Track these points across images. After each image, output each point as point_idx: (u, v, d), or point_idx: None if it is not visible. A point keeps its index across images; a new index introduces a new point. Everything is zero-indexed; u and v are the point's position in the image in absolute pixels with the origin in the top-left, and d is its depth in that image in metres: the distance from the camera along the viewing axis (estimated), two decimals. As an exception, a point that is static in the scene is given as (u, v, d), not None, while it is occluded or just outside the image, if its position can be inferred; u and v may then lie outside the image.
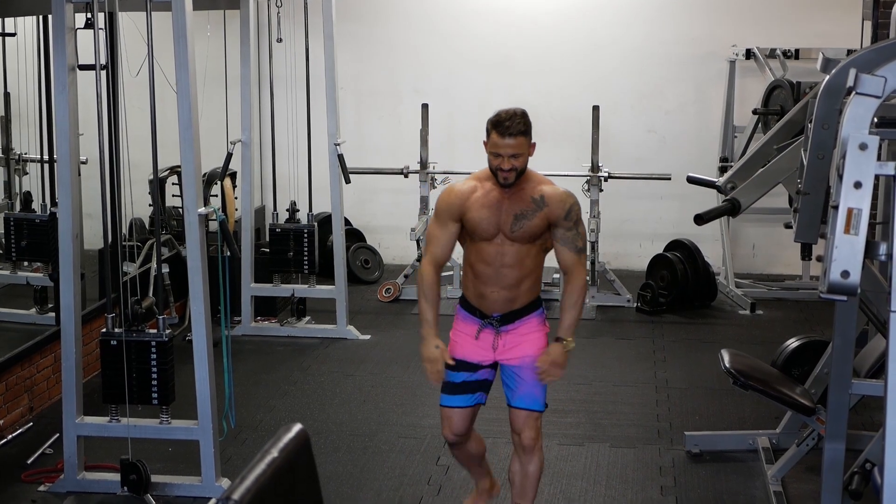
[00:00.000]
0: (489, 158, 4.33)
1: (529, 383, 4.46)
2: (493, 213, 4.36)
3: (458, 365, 4.48)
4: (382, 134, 9.93)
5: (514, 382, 4.50)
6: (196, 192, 5.01)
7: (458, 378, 4.50)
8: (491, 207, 4.36)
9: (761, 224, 9.54)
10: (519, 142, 4.27)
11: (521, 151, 4.28)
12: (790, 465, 5.29)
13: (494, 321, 4.45)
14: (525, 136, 4.29)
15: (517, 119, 4.28)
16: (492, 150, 4.30)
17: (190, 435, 5.24)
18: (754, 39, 9.26)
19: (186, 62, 4.92)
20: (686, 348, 7.64)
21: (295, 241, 7.73)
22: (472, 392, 4.52)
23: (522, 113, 4.32)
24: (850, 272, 3.08)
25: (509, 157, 4.26)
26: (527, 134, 4.30)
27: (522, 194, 4.36)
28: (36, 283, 6.54)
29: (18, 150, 6.77)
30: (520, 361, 4.46)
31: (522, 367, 4.46)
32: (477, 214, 4.36)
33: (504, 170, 4.28)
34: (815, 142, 3.90)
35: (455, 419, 4.53)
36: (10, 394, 5.93)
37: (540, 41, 9.71)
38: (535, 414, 4.49)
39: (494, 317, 4.45)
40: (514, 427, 4.53)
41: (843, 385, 4.31)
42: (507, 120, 4.27)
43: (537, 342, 4.48)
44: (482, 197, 4.38)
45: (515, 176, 4.30)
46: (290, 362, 7.28)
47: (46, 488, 5.27)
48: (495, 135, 4.28)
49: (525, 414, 4.48)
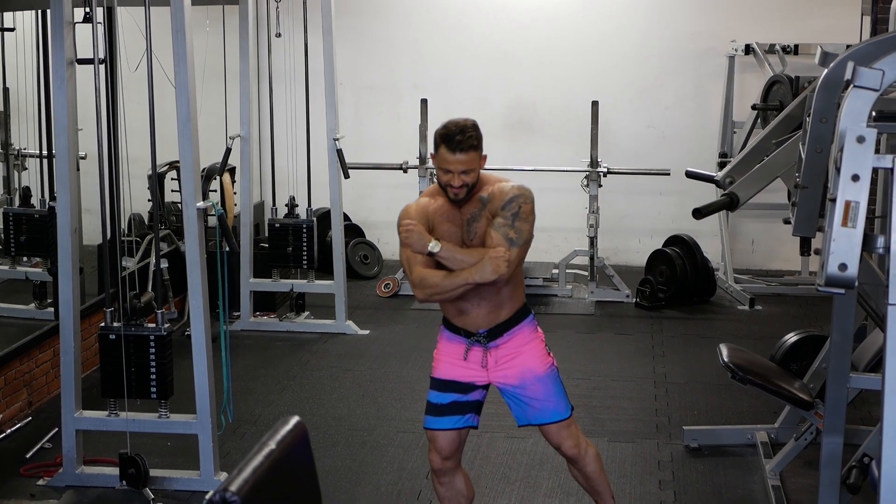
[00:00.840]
0: (438, 174, 4.08)
1: (542, 398, 4.22)
2: (455, 225, 4.14)
3: (447, 385, 4.23)
4: (381, 129, 9.93)
5: (523, 402, 4.24)
6: (195, 186, 5.01)
7: (445, 399, 4.24)
8: (451, 219, 4.14)
9: (760, 219, 9.55)
10: (470, 157, 4.02)
11: (472, 167, 4.04)
12: (788, 460, 5.29)
13: (482, 338, 4.19)
14: (476, 151, 4.04)
15: (468, 132, 4.03)
16: (441, 166, 4.05)
17: (188, 429, 5.24)
18: (754, 35, 9.26)
19: (185, 57, 4.92)
20: (685, 343, 7.65)
21: (294, 236, 7.73)
22: (462, 414, 4.25)
23: (473, 125, 4.07)
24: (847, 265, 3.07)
25: (460, 173, 4.03)
26: (478, 148, 4.05)
27: (473, 198, 4.13)
28: (35, 278, 6.55)
29: (17, 146, 6.77)
30: (521, 381, 4.21)
31: (526, 385, 4.21)
32: (442, 228, 4.14)
33: (455, 186, 4.05)
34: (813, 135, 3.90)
35: (441, 441, 4.26)
36: (9, 388, 5.93)
37: (538, 36, 9.71)
38: (566, 422, 4.24)
39: (481, 333, 4.18)
40: (551, 443, 4.32)
41: (842, 379, 4.31)
42: (457, 134, 4.01)
43: (534, 352, 4.23)
44: (440, 209, 4.16)
45: (466, 192, 4.08)
46: (289, 357, 7.28)
47: (45, 482, 5.28)
48: (444, 150, 4.02)
49: (555, 428, 4.24)
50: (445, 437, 4.26)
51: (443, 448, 4.26)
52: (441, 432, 4.25)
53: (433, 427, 4.27)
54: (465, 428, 4.29)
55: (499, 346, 4.20)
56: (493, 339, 4.19)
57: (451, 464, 4.31)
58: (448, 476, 4.33)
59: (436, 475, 4.35)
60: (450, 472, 4.33)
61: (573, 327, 8.01)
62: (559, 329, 7.91)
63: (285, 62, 8.12)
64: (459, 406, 4.25)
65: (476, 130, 4.07)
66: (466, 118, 4.10)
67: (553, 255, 9.26)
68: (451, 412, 4.24)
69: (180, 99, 4.95)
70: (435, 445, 4.28)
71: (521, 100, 9.79)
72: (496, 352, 4.20)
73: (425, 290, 4.09)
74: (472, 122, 4.09)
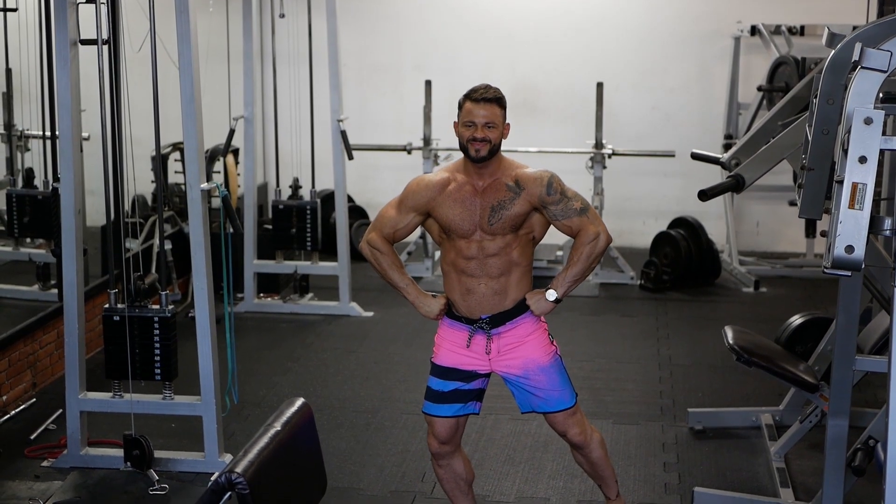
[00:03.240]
0: (461, 133, 4.08)
1: (546, 387, 4.17)
2: (468, 210, 4.09)
3: (448, 373, 4.19)
4: (385, 110, 9.91)
5: (527, 392, 4.20)
6: (199, 167, 5.00)
7: (446, 387, 4.20)
8: (464, 203, 4.09)
9: (765, 201, 9.53)
10: (494, 110, 4.05)
11: (495, 121, 4.05)
12: (793, 442, 5.29)
13: (484, 324, 4.13)
14: (500, 107, 4.08)
15: (492, 89, 4.09)
16: (465, 119, 4.06)
17: (193, 411, 5.24)
18: (759, 16, 9.22)
19: (189, 37, 4.90)
20: (689, 325, 7.64)
21: (298, 217, 7.72)
22: (464, 402, 4.22)
23: (497, 88, 4.13)
24: (854, 247, 3.05)
25: (483, 125, 4.03)
26: (502, 105, 4.09)
27: (496, 184, 4.09)
28: (38, 260, 6.54)
29: (20, 127, 6.75)
30: (524, 371, 4.16)
31: (529, 375, 4.16)
32: (450, 211, 4.10)
33: (477, 139, 4.03)
34: (819, 117, 3.87)
35: (439, 427, 4.23)
36: (13, 370, 5.93)
37: (543, 18, 9.68)
38: (570, 410, 4.20)
39: (483, 319, 4.13)
40: (557, 431, 4.29)
41: (847, 361, 4.30)
42: (481, 89, 4.08)
43: (537, 342, 4.17)
44: (455, 191, 4.11)
45: (489, 150, 4.04)
46: (293, 339, 7.28)
47: (50, 464, 5.28)
48: (469, 103, 4.07)
49: (561, 416, 4.20)
50: (444, 424, 4.24)
51: (441, 434, 4.25)
52: (440, 419, 4.24)
53: (432, 413, 4.25)
54: (465, 415, 4.28)
55: (501, 334, 4.15)
56: (495, 327, 4.14)
57: (449, 448, 4.30)
58: (447, 459, 4.33)
59: (434, 458, 4.35)
60: (448, 455, 4.32)
61: (577, 309, 8.00)
62: (563, 311, 7.89)
63: (289, 43, 8.09)
64: (461, 394, 4.22)
65: (500, 92, 4.13)
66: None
67: (557, 236, 9.17)
68: (452, 400, 4.22)
69: (184, 79, 4.94)
70: (433, 430, 4.26)
71: (526, 81, 9.76)
72: (499, 340, 4.15)
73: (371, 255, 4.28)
74: (496, 87, 4.15)
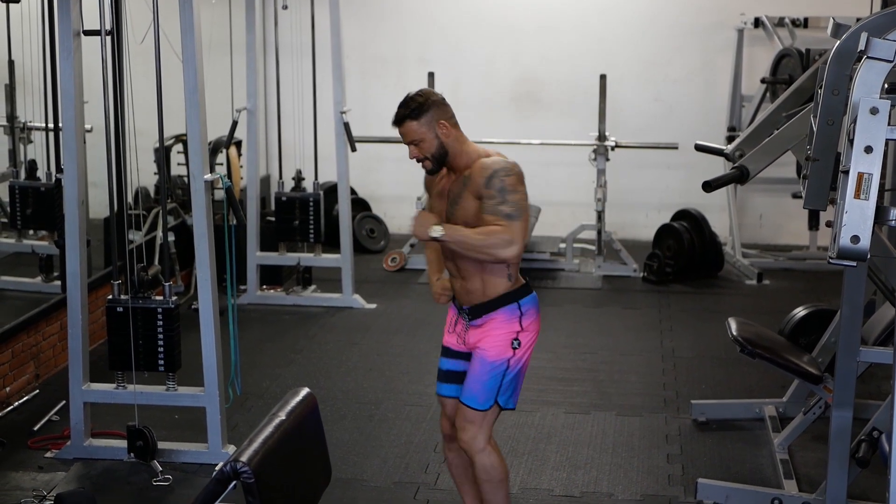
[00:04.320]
0: None
1: (473, 376, 4.08)
2: (441, 201, 4.07)
3: (446, 351, 4.24)
4: (388, 102, 9.79)
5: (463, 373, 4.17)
6: (202, 159, 5.00)
7: (444, 365, 4.24)
8: (441, 196, 4.09)
9: (768, 194, 9.52)
10: (409, 128, 3.95)
11: (416, 137, 3.95)
12: (797, 434, 5.29)
13: (465, 314, 4.13)
14: (414, 121, 3.94)
15: (409, 104, 3.95)
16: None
17: (196, 402, 5.24)
18: (763, 8, 9.20)
19: (192, 28, 4.89)
20: (692, 318, 7.64)
21: (301, 209, 7.72)
22: (458, 383, 4.18)
23: (416, 95, 3.98)
24: (860, 237, 3.04)
25: (409, 144, 3.99)
26: (416, 117, 3.94)
27: (460, 177, 4.01)
28: (41, 252, 6.53)
29: (23, 118, 6.75)
30: (471, 350, 4.12)
31: (473, 357, 4.11)
32: (435, 205, 4.12)
33: (415, 159, 4.02)
34: (824, 108, 3.86)
35: (448, 407, 4.24)
36: (17, 361, 5.93)
37: (546, 9, 9.66)
38: (470, 411, 4.06)
39: (465, 309, 4.12)
40: (455, 423, 4.19)
41: (852, 352, 4.30)
42: (399, 107, 3.97)
43: (497, 339, 4.05)
44: (438, 184, 4.12)
45: (434, 163, 3.99)
46: (296, 331, 7.28)
47: (53, 455, 5.28)
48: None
49: (464, 410, 4.09)
50: (451, 404, 4.24)
51: (450, 413, 4.25)
52: (445, 399, 4.26)
53: (438, 392, 4.28)
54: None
55: (476, 326, 4.10)
56: (472, 319, 4.10)
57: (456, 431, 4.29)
58: (457, 443, 4.28)
59: (446, 441, 4.34)
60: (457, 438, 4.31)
61: (580, 302, 8.00)
62: (566, 303, 7.90)
63: (292, 35, 8.08)
64: (451, 375, 4.22)
65: (415, 100, 3.96)
66: (421, 89, 4.04)
67: (560, 229, 9.23)
68: (448, 380, 4.23)
69: (187, 71, 4.93)
70: (444, 410, 4.29)
71: (529, 73, 9.75)
72: (473, 331, 4.12)
73: None
74: (419, 92, 4.01)
